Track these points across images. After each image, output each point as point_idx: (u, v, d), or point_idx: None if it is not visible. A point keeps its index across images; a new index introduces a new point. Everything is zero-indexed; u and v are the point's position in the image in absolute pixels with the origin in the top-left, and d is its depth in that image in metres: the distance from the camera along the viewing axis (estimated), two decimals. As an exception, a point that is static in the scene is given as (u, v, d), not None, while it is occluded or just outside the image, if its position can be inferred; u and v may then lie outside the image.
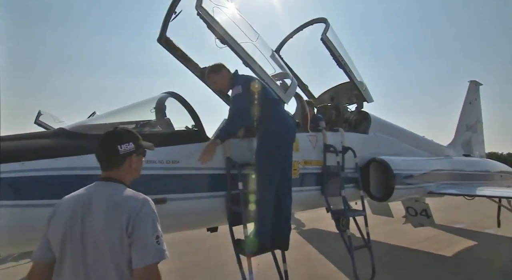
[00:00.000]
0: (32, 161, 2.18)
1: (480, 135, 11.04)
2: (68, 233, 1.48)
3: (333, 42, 4.66)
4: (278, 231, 3.29)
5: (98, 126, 2.96)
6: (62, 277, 1.45)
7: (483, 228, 9.22)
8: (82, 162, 2.40)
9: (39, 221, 2.17)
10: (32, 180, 2.17)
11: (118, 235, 1.42)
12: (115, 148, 1.61)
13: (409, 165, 5.34)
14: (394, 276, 5.34)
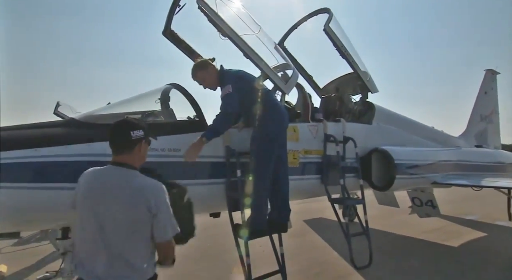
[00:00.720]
0: (45, 147, 2.41)
1: (496, 125, 10.76)
2: (86, 206, 1.77)
3: (336, 32, 4.69)
4: (277, 214, 3.44)
5: (106, 116, 3.16)
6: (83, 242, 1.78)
7: (494, 220, 9.12)
8: (90, 149, 2.61)
9: (50, 202, 2.42)
10: (45, 165, 2.40)
11: (143, 215, 1.71)
12: (128, 134, 1.84)
13: (413, 155, 5.35)
14: (396, 263, 5.43)
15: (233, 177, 3.33)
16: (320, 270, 5.05)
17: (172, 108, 3.65)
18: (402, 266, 5.30)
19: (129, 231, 1.72)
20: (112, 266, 1.69)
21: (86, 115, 3.09)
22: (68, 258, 2.80)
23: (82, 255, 1.76)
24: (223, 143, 3.37)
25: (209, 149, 3.29)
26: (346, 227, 4.11)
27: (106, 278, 1.68)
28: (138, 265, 1.72)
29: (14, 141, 2.36)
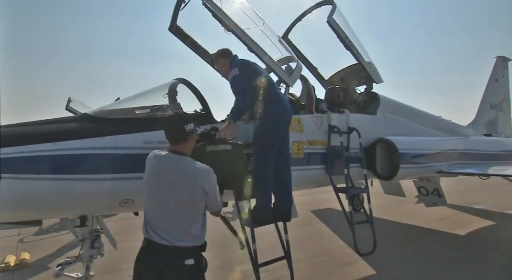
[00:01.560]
0: (62, 141, 2.58)
1: (507, 114, 10.60)
2: (154, 184, 2.19)
3: (339, 24, 4.72)
4: (280, 204, 3.57)
5: (117, 111, 3.32)
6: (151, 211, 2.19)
7: (503, 209, 9.08)
8: (103, 142, 2.77)
9: (68, 192, 2.60)
10: (62, 157, 2.57)
11: (199, 195, 2.17)
12: (182, 128, 2.24)
13: (417, 144, 5.39)
14: (403, 250, 5.53)
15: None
16: (326, 258, 5.19)
17: (179, 102, 3.78)
18: (407, 253, 5.41)
19: (187, 206, 2.15)
20: (174, 232, 2.10)
21: (98, 110, 3.25)
22: (86, 244, 3.00)
23: (151, 222, 2.16)
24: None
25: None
26: (350, 215, 4.22)
27: (171, 240, 2.08)
28: (194, 232, 2.16)
29: (34, 136, 2.53)
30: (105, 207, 2.94)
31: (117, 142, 2.83)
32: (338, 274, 4.56)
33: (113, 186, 2.76)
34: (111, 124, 2.96)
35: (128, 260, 5.06)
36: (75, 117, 3.07)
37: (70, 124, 2.88)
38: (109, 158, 2.77)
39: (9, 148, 2.38)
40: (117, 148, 2.82)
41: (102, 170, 2.72)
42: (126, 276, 4.54)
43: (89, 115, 3.06)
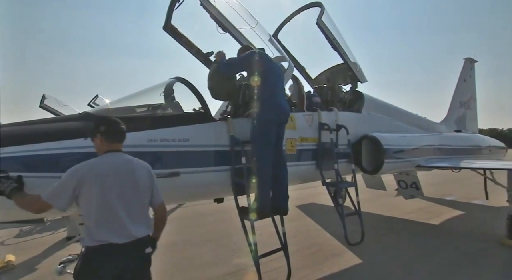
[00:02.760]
0: (68, 140, 2.58)
1: (474, 111, 11.35)
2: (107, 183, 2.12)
3: (328, 25, 4.91)
4: (277, 198, 3.72)
5: (118, 109, 3.33)
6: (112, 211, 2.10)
7: (471, 200, 9.78)
8: None
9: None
10: (68, 155, 2.58)
11: (149, 185, 2.31)
12: (124, 129, 2.37)
13: (399, 141, 5.72)
14: (385, 240, 5.88)
15: (238, 164, 3.56)
16: (316, 250, 5.42)
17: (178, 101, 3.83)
18: (389, 243, 5.75)
19: (142, 196, 2.26)
20: (134, 223, 2.15)
21: (99, 109, 3.26)
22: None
23: (104, 222, 2.08)
24: (227, 133, 3.59)
25: (215, 139, 3.52)
26: (341, 208, 4.45)
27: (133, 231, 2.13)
28: (148, 220, 2.30)
29: (40, 134, 2.53)
30: None
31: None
32: (328, 264, 4.79)
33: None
34: None
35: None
36: (76, 116, 3.05)
37: (73, 123, 2.87)
38: None
39: (16, 147, 2.37)
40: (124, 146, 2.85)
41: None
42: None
43: (90, 114, 3.05)
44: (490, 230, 6.51)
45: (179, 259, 5.04)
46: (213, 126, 3.53)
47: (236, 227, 3.62)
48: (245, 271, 4.47)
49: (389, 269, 4.62)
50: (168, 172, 3.10)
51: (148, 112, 3.49)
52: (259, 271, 3.36)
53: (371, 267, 4.70)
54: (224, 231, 6.39)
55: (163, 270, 4.63)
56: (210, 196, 3.89)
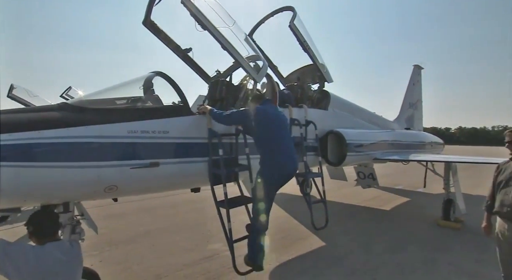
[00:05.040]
0: (47, 130, 2.37)
1: (420, 112, 12.06)
2: None
3: (299, 28, 4.93)
4: None
5: (98, 101, 3.11)
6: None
7: (415, 188, 10.44)
8: (88, 131, 2.61)
9: (54, 179, 2.42)
10: (49, 145, 2.37)
11: None
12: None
13: (360, 136, 5.93)
14: (345, 225, 6.11)
15: (215, 156, 3.48)
16: (284, 235, 5.50)
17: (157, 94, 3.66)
18: (349, 227, 5.98)
19: None
20: None
21: (79, 100, 3.02)
22: (67, 230, 2.82)
23: None
24: (205, 126, 3.50)
25: (194, 131, 3.42)
26: (308, 197, 4.52)
27: None
28: None
29: (19, 124, 2.30)
30: (90, 193, 2.77)
31: (102, 131, 2.69)
32: (296, 247, 4.88)
33: (99, 173, 2.63)
34: (95, 114, 2.79)
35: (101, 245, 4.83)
36: (54, 106, 2.80)
37: (52, 113, 2.64)
38: (94, 146, 2.62)
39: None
40: (102, 137, 2.68)
41: (88, 157, 2.57)
42: (97, 261, 4.32)
43: (70, 105, 2.82)
44: (429, 213, 7.01)
45: (156, 247, 4.90)
46: (192, 119, 3.42)
47: (210, 216, 3.56)
48: (219, 256, 4.43)
49: (349, 249, 4.81)
50: (148, 162, 2.96)
51: (129, 104, 3.30)
52: (233, 255, 3.33)
53: (333, 248, 4.86)
54: (199, 220, 6.28)
55: (141, 257, 4.48)
56: (188, 185, 3.78)
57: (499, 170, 3.01)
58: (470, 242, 5.17)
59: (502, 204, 2.81)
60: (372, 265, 4.22)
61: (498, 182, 2.94)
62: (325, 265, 4.21)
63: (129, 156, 2.85)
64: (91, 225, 3.24)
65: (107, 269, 4.05)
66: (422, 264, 4.31)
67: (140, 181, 2.97)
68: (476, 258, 4.45)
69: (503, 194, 2.83)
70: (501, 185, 2.88)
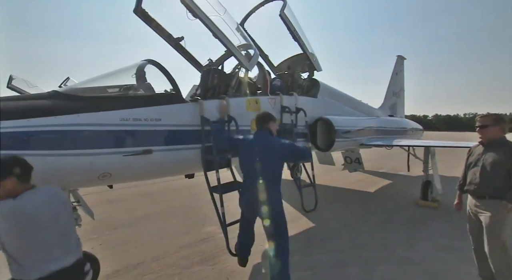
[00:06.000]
0: (36, 118, 2.20)
1: (402, 100, 12.04)
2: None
3: (289, 18, 4.73)
4: None
5: (89, 89, 2.92)
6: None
7: (397, 171, 10.53)
8: (79, 119, 2.44)
9: (47, 166, 2.26)
10: (39, 134, 2.21)
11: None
12: None
13: (348, 123, 5.85)
14: (333, 207, 6.10)
15: (208, 143, 3.36)
16: (275, 216, 5.45)
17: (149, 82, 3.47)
18: (336, 209, 5.98)
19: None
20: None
21: (69, 88, 2.82)
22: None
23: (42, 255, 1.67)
24: (198, 113, 3.35)
25: (186, 119, 3.27)
26: (299, 181, 4.46)
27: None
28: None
29: (7, 112, 2.12)
30: (84, 181, 2.64)
31: (94, 119, 2.53)
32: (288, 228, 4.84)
33: (92, 160, 2.48)
34: (87, 102, 2.61)
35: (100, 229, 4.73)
36: (44, 94, 2.61)
37: (42, 101, 2.46)
38: (86, 134, 2.47)
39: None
40: (94, 125, 2.52)
41: (80, 145, 2.42)
42: (97, 245, 4.22)
43: (60, 93, 2.63)
44: (409, 194, 7.07)
45: (154, 230, 4.81)
46: (184, 107, 3.27)
47: (206, 200, 3.46)
48: (214, 238, 4.37)
49: (336, 229, 4.80)
50: (141, 149, 2.82)
51: (121, 92, 3.12)
52: (227, 237, 3.28)
53: (322, 229, 4.85)
54: (195, 204, 6.20)
55: (139, 239, 4.39)
56: (182, 172, 3.67)
57: (470, 153, 3.10)
58: (445, 219, 5.24)
59: (470, 183, 2.94)
60: (357, 244, 4.23)
61: (469, 163, 3.04)
62: (315, 245, 4.19)
63: (122, 143, 2.71)
64: (87, 211, 3.12)
65: (107, 252, 3.96)
66: (403, 241, 4.34)
67: (134, 168, 2.84)
68: (450, 233, 4.51)
69: (472, 174, 2.94)
70: (471, 166, 2.98)
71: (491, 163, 2.76)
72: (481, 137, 2.92)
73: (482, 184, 2.81)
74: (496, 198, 2.72)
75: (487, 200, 2.79)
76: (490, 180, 2.76)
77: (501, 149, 2.75)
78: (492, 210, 2.74)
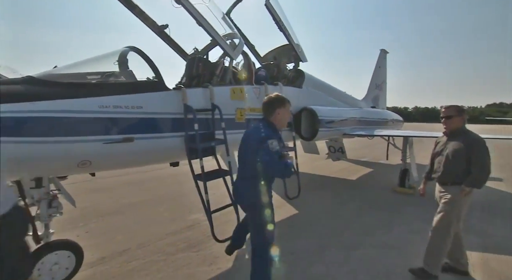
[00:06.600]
0: (8, 104, 2.03)
1: (384, 92, 12.10)
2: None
3: (275, 8, 4.59)
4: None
5: (67, 75, 2.73)
6: None
7: (377, 160, 10.69)
8: (55, 105, 2.28)
9: (22, 154, 2.11)
10: (11, 120, 2.05)
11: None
12: None
13: (331, 113, 5.82)
14: (316, 194, 6.12)
15: (191, 131, 3.25)
16: (261, 203, 5.42)
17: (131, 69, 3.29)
18: (319, 196, 6.01)
19: None
20: None
21: (46, 74, 2.63)
22: (43, 204, 2.56)
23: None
24: (181, 101, 3.22)
25: (169, 107, 3.14)
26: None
27: None
28: None
29: None
30: (62, 169, 2.50)
31: (71, 106, 2.37)
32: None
33: (69, 148, 2.34)
34: (64, 88, 2.44)
35: (87, 217, 4.59)
36: (18, 79, 2.42)
37: (15, 87, 2.27)
38: (63, 121, 2.31)
39: None
40: (71, 112, 2.37)
41: (56, 132, 2.26)
42: (84, 232, 4.09)
43: (35, 78, 2.45)
44: (388, 181, 7.18)
45: (140, 217, 4.71)
46: (167, 95, 3.12)
47: (192, 188, 3.36)
48: (200, 225, 4.31)
49: (318, 216, 4.82)
50: (121, 137, 2.69)
51: (100, 79, 2.94)
52: (212, 224, 3.22)
53: (305, 215, 4.86)
54: (182, 191, 6.11)
55: (126, 227, 4.29)
56: (166, 160, 3.55)
57: (436, 143, 3.17)
58: (419, 204, 5.34)
59: (436, 171, 3.04)
60: (338, 229, 4.26)
61: (435, 153, 3.12)
62: (298, 231, 4.20)
63: (102, 131, 2.57)
64: (69, 199, 2.98)
65: (93, 240, 3.85)
66: (381, 225, 4.40)
67: (115, 156, 2.71)
68: (423, 217, 4.59)
69: (437, 162, 3.04)
70: (437, 156, 3.07)
71: (452, 151, 2.83)
72: (446, 127, 2.98)
73: (445, 172, 2.89)
74: (457, 184, 2.80)
75: (449, 186, 2.87)
76: (451, 167, 2.84)
77: (461, 138, 2.83)
78: (451, 193, 2.83)
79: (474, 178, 2.72)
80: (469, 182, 2.73)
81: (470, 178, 2.72)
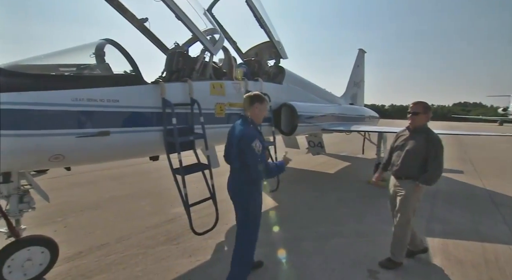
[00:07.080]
0: None
1: (362, 90, 12.36)
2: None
3: (256, 5, 4.51)
4: None
5: (38, 66, 2.57)
6: None
7: (355, 154, 10.94)
8: (23, 98, 2.14)
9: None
10: None
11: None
12: None
13: (310, 109, 5.85)
14: (296, 187, 6.18)
15: (169, 125, 3.16)
16: (242, 196, 5.41)
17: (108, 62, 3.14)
18: (299, 189, 6.07)
19: None
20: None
21: (14, 64, 2.46)
22: (13, 200, 2.42)
23: None
24: (159, 95, 3.12)
25: (147, 101, 3.03)
26: (264, 162, 4.40)
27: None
28: None
29: None
30: (32, 163, 2.35)
31: (41, 98, 2.23)
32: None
33: (39, 142, 2.21)
34: (33, 80, 2.29)
35: (66, 212, 4.41)
36: None
37: None
38: (31, 114, 2.17)
39: None
40: (41, 104, 2.23)
41: (24, 126, 2.12)
42: (62, 227, 3.93)
43: (2, 69, 2.28)
44: (364, 174, 7.37)
45: (121, 212, 4.57)
46: (145, 89, 3.00)
47: (173, 182, 3.29)
48: (181, 218, 4.25)
49: (296, 207, 4.87)
50: (96, 131, 2.57)
51: (74, 71, 2.79)
52: (190, 217, 3.16)
53: (283, 207, 4.90)
54: (166, 185, 5.99)
55: (106, 221, 4.16)
56: (144, 154, 3.44)
57: (397, 137, 3.18)
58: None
59: (393, 164, 3.07)
60: (315, 220, 4.32)
61: (395, 147, 3.13)
62: (277, 223, 4.22)
63: (75, 124, 2.44)
64: (41, 194, 2.83)
65: (71, 234, 3.70)
66: (355, 216, 4.51)
67: (89, 150, 2.58)
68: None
69: (395, 156, 3.07)
70: (396, 149, 3.08)
71: (412, 148, 2.86)
72: (411, 123, 2.99)
73: (403, 167, 2.92)
74: (411, 178, 2.86)
75: (403, 180, 2.93)
76: (408, 163, 2.87)
77: (422, 136, 2.86)
78: (405, 189, 2.89)
79: (429, 176, 2.78)
80: (424, 180, 2.79)
81: (426, 176, 2.78)
